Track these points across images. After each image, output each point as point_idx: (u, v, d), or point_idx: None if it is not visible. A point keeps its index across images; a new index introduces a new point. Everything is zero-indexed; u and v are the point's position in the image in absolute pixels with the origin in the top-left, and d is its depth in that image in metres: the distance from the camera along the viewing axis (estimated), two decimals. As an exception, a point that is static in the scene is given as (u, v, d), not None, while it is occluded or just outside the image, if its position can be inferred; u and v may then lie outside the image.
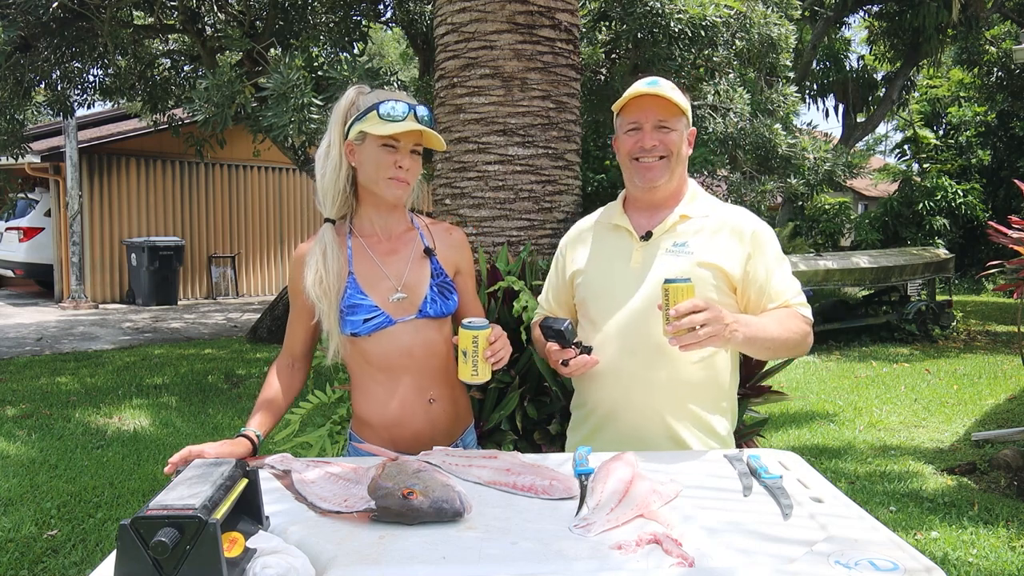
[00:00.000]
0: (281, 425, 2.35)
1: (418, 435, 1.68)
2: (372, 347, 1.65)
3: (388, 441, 1.67)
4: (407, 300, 1.67)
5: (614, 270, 1.73)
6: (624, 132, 1.72)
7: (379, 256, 1.69)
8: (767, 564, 1.04)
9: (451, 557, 1.07)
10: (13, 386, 6.34)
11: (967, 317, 10.67)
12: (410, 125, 1.57)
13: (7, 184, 9.56)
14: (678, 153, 1.69)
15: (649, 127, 1.67)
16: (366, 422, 1.71)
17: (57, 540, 3.34)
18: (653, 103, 1.66)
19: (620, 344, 1.67)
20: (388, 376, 1.66)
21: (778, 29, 5.99)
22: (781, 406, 5.75)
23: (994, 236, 4.28)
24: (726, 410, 1.75)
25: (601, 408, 1.73)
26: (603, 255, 1.77)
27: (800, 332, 1.63)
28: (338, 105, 1.65)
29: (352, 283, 1.65)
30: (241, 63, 6.41)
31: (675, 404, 1.67)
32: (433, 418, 1.69)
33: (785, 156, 6.43)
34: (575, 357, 1.62)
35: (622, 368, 1.67)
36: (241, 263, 13.66)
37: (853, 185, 18.69)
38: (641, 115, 1.68)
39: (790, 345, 1.62)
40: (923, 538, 3.39)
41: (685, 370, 1.66)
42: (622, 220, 1.76)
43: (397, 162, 1.61)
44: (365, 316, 1.63)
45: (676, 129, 1.68)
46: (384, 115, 1.57)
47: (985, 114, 15.06)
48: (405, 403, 1.66)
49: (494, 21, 3.27)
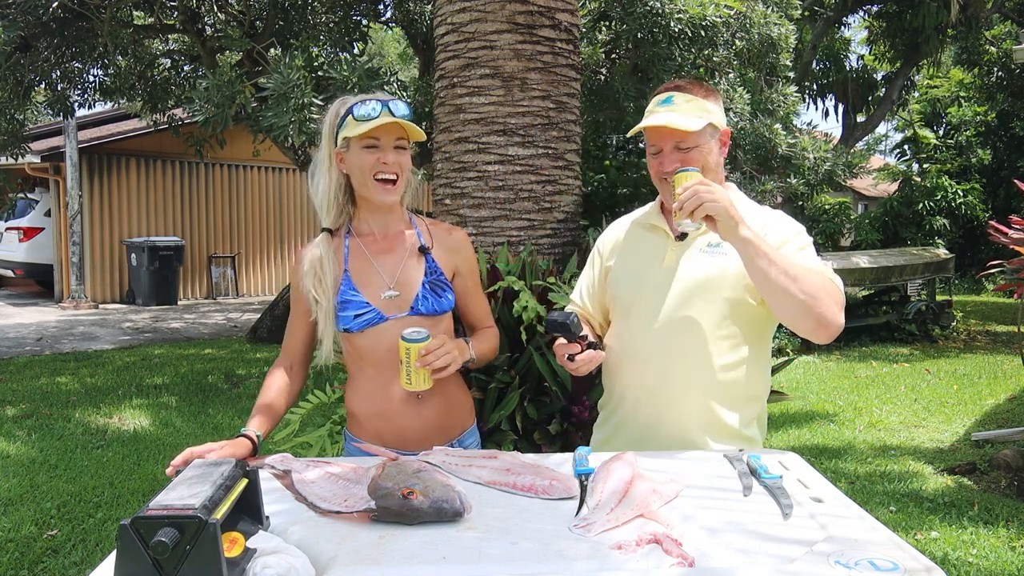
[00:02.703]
0: (281, 425, 2.35)
1: (403, 430, 1.69)
2: (364, 343, 1.68)
3: (374, 435, 1.70)
4: (399, 298, 1.69)
5: (647, 269, 1.71)
6: (649, 153, 1.70)
7: (373, 254, 1.71)
8: (767, 564, 1.04)
9: (451, 557, 1.07)
10: (13, 386, 6.34)
11: (967, 317, 10.67)
12: (383, 120, 1.58)
13: (7, 184, 9.57)
14: (705, 166, 1.63)
15: (668, 149, 1.64)
16: (354, 416, 1.76)
17: (57, 540, 3.34)
18: (668, 129, 1.62)
19: (650, 342, 1.66)
20: (378, 371, 1.69)
21: (778, 29, 6.00)
22: (781, 406, 5.75)
23: (994, 236, 4.28)
24: (753, 417, 1.70)
25: (627, 403, 1.73)
26: (637, 254, 1.76)
27: (822, 290, 1.48)
28: (326, 120, 1.69)
29: (346, 280, 1.68)
30: (241, 63, 6.41)
31: (704, 406, 1.64)
32: (421, 414, 1.69)
33: (785, 156, 6.43)
34: (581, 352, 1.61)
35: (650, 363, 1.66)
36: (241, 263, 13.66)
37: (853, 185, 18.69)
38: (659, 140, 1.65)
39: (810, 293, 1.45)
40: (923, 538, 3.39)
41: (716, 372, 1.63)
42: (659, 220, 1.74)
43: (380, 159, 1.62)
44: (356, 312, 1.66)
45: (698, 145, 1.62)
46: (359, 116, 1.60)
47: (985, 114, 15.06)
48: (390, 397, 1.68)
49: (494, 21, 3.27)
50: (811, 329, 1.50)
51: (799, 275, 1.46)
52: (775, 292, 1.48)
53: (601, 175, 7.18)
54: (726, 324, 1.63)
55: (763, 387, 1.73)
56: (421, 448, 1.60)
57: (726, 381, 1.64)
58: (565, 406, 2.64)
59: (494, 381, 2.57)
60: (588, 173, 6.83)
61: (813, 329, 1.50)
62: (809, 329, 1.50)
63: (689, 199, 1.46)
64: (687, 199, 1.46)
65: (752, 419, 1.70)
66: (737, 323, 1.63)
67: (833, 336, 1.51)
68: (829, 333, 1.50)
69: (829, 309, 1.48)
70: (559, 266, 3.23)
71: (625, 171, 6.73)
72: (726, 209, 1.45)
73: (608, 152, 7.80)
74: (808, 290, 1.46)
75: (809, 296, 1.46)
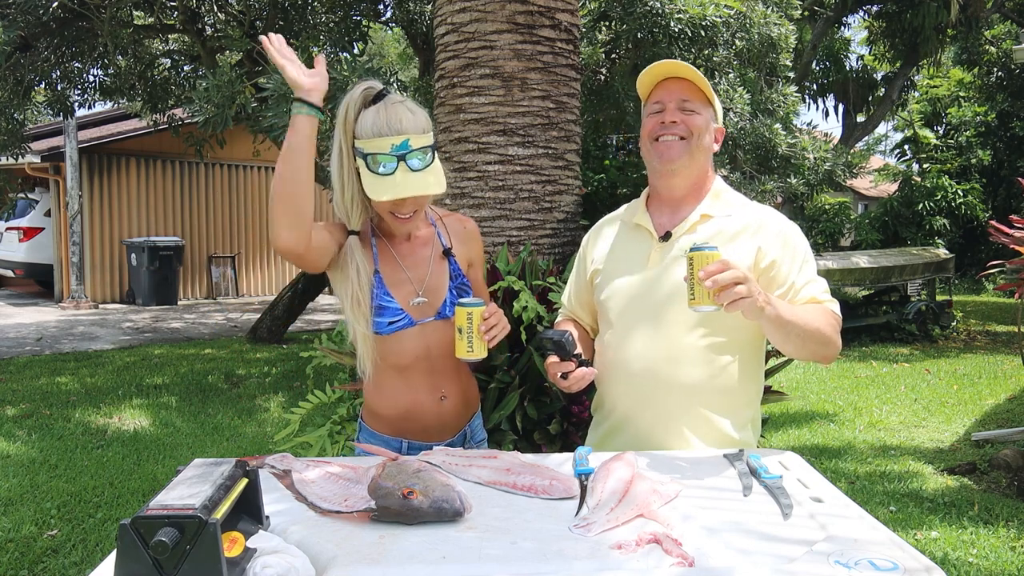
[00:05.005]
0: (281, 425, 2.35)
1: (427, 428, 1.73)
2: (391, 346, 1.67)
3: (398, 432, 1.73)
4: (427, 304, 1.70)
5: (631, 271, 1.69)
6: (648, 115, 1.68)
7: (401, 256, 1.70)
8: (767, 564, 1.04)
9: (451, 557, 1.07)
10: (13, 386, 6.34)
11: (967, 317, 10.67)
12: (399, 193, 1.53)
13: (7, 184, 9.55)
14: (700, 137, 1.63)
15: (672, 106, 1.63)
16: (377, 414, 1.76)
17: (57, 540, 3.34)
18: (677, 84, 1.63)
19: (637, 347, 1.65)
20: (403, 373, 1.70)
21: (778, 29, 5.99)
22: (781, 406, 5.75)
23: (995, 236, 4.28)
24: (747, 420, 1.68)
25: (618, 411, 1.71)
26: (622, 255, 1.74)
27: (830, 329, 1.53)
28: (340, 111, 1.61)
29: (379, 283, 1.66)
30: (241, 63, 6.41)
31: (692, 410, 1.63)
32: (443, 413, 1.73)
33: (785, 156, 6.43)
34: (574, 371, 1.59)
35: (638, 371, 1.64)
36: (241, 263, 13.66)
37: (853, 185, 18.70)
38: (665, 94, 1.65)
39: (819, 339, 1.51)
40: (923, 538, 3.39)
41: (703, 376, 1.61)
42: (643, 219, 1.71)
43: (398, 208, 1.60)
44: (391, 319, 1.65)
45: (701, 113, 1.64)
46: (375, 170, 1.54)
47: (985, 114, 15.05)
48: (417, 400, 1.71)
49: (494, 21, 3.26)
50: (815, 360, 1.62)
51: (809, 327, 1.50)
52: (789, 347, 1.54)
53: (601, 175, 7.17)
54: (714, 329, 1.61)
55: (756, 391, 1.71)
56: (441, 439, 1.71)
57: (717, 387, 1.62)
58: (565, 406, 2.64)
59: (494, 381, 2.57)
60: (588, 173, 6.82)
61: (817, 361, 1.61)
62: (813, 360, 1.63)
63: (721, 293, 1.35)
64: (715, 288, 1.34)
65: (746, 422, 1.68)
66: (726, 327, 1.60)
67: (833, 360, 1.61)
68: (830, 360, 1.60)
69: (834, 344, 1.56)
70: (559, 266, 3.23)
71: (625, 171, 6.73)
72: (754, 295, 1.37)
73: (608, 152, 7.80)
74: (819, 337, 1.52)
75: (820, 344, 1.53)
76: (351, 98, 1.60)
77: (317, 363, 2.97)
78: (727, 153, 6.30)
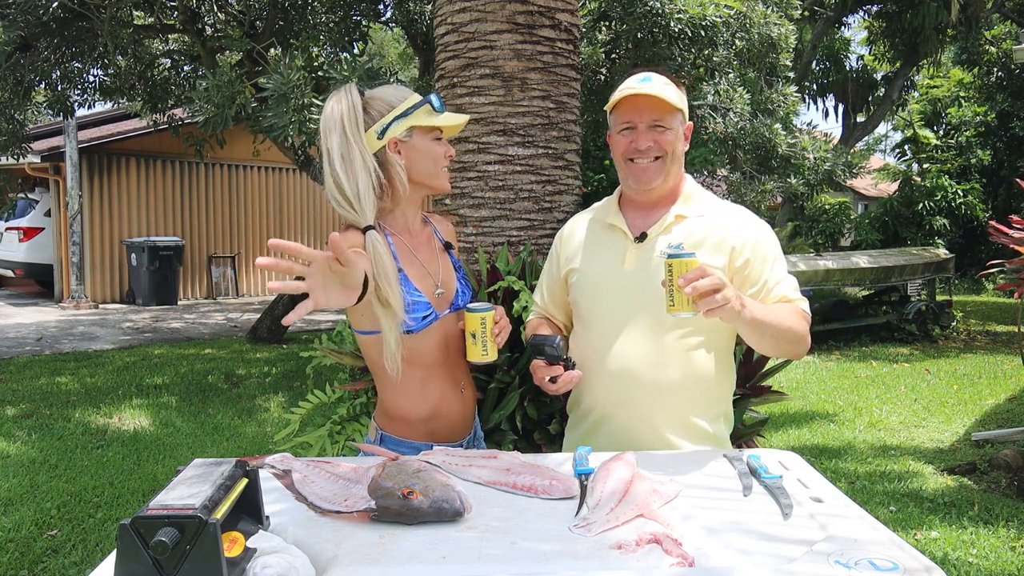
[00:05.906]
0: (281, 425, 2.35)
1: (454, 424, 1.71)
2: (416, 344, 1.63)
3: (426, 434, 1.68)
4: (443, 295, 1.70)
5: (607, 271, 1.70)
6: (618, 131, 1.67)
7: (415, 250, 1.70)
8: (767, 564, 1.04)
9: (451, 557, 1.07)
10: (13, 386, 6.34)
11: (967, 317, 10.67)
12: (462, 118, 1.67)
13: (7, 184, 9.56)
14: (673, 152, 1.65)
15: (643, 127, 1.63)
16: (404, 418, 1.68)
17: (57, 540, 3.34)
18: (647, 102, 1.61)
19: (612, 347, 1.66)
20: (426, 371, 1.67)
21: (778, 29, 5.99)
22: (781, 406, 5.75)
23: (995, 236, 4.28)
24: (720, 414, 1.72)
25: (595, 411, 1.72)
26: (597, 255, 1.74)
27: (802, 328, 1.59)
28: (340, 111, 1.57)
29: (404, 280, 1.62)
30: (241, 63, 6.41)
31: (666, 408, 1.65)
32: (465, 406, 1.73)
33: (785, 156, 6.43)
34: (563, 374, 1.60)
35: (614, 371, 1.66)
36: (241, 263, 13.66)
37: (853, 185, 18.71)
38: (635, 115, 1.63)
39: (792, 338, 1.56)
40: (923, 538, 3.39)
41: (680, 375, 1.63)
42: (617, 220, 1.72)
43: (447, 152, 1.67)
44: (424, 313, 1.62)
45: (671, 128, 1.64)
46: (438, 108, 1.63)
47: (985, 114, 15.05)
48: (443, 396, 1.69)
49: (494, 21, 3.26)
50: (786, 357, 1.66)
51: (783, 327, 1.54)
52: (763, 346, 1.59)
53: (601, 175, 7.18)
54: (692, 329, 1.63)
55: (728, 386, 1.76)
56: (464, 435, 1.72)
57: (694, 385, 1.65)
58: (565, 406, 2.63)
59: (494, 381, 2.57)
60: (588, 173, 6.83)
61: (788, 357, 1.67)
62: (785, 357, 1.68)
63: (700, 300, 1.35)
64: (695, 295, 1.35)
65: (719, 416, 1.72)
66: (703, 328, 1.62)
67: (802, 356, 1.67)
68: (800, 356, 1.65)
69: (805, 342, 1.61)
70: (559, 266, 3.23)
71: (625, 171, 6.72)
72: (732, 301, 1.37)
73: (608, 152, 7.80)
74: (791, 336, 1.57)
75: (792, 343, 1.58)
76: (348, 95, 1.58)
77: (317, 363, 2.97)
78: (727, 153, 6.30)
